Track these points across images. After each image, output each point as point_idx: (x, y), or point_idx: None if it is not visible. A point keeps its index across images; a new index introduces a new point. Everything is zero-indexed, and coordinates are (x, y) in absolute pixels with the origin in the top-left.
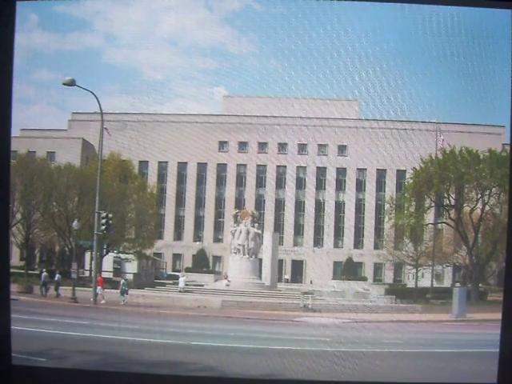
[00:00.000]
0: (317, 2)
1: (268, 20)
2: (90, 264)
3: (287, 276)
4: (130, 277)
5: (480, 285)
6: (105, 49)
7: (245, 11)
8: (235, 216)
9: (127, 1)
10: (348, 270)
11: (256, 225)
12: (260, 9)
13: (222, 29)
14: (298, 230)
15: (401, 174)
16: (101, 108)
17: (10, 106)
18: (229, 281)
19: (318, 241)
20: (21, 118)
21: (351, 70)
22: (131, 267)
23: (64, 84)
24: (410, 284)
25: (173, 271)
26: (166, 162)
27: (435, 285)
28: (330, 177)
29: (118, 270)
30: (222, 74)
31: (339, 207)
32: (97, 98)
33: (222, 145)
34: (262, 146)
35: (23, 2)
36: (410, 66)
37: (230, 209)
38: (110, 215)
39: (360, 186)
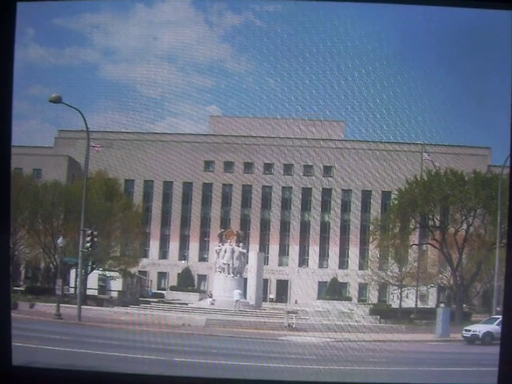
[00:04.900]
0: (309, 25)
1: (254, 40)
2: (75, 281)
3: (272, 295)
4: (114, 294)
5: (464, 305)
6: (101, 64)
7: (240, 29)
8: (220, 235)
9: (126, 16)
10: (333, 290)
11: (241, 244)
12: (251, 27)
13: (219, 46)
14: (283, 249)
15: (386, 195)
16: (87, 126)
17: (10, 116)
18: (213, 299)
19: (303, 261)
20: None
21: (337, 92)
22: (116, 285)
23: (50, 101)
24: (395, 304)
25: (158, 289)
26: (152, 181)
27: (420, 305)
28: (316, 197)
29: (103, 288)
30: (213, 92)
31: (324, 228)
32: (83, 116)
33: (208, 164)
34: (248, 166)
35: (21, 15)
36: (395, 88)
37: (215, 228)
38: (95, 233)
39: (345, 206)
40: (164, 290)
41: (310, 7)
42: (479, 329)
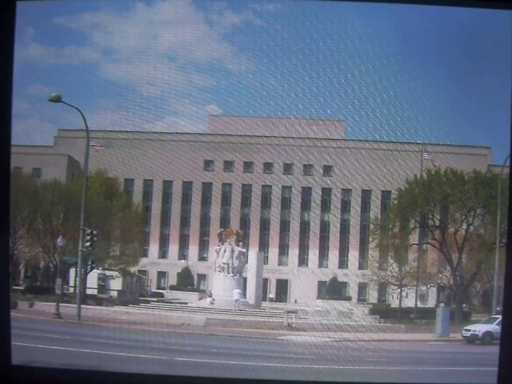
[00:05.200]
0: (309, 24)
1: (254, 39)
2: (75, 280)
3: (272, 295)
4: (114, 294)
5: (464, 305)
6: (100, 63)
7: (239, 28)
8: (220, 235)
9: (126, 15)
10: (332, 290)
11: (240, 244)
12: (251, 26)
13: (219, 45)
14: (283, 249)
15: (386, 194)
16: (86, 125)
17: (10, 115)
18: (213, 299)
19: (302, 260)
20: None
21: (338, 91)
22: (116, 284)
23: (50, 100)
24: (395, 304)
25: (157, 289)
26: (152, 181)
27: (419, 305)
28: (315, 197)
29: (103, 287)
30: (213, 91)
31: (324, 227)
32: (82, 115)
33: (208, 164)
34: (248, 165)
35: (21, 14)
36: (395, 87)
37: (215, 227)
38: (95, 232)
39: (345, 206)
40: (164, 289)
41: (310, 6)
42: (479, 328)
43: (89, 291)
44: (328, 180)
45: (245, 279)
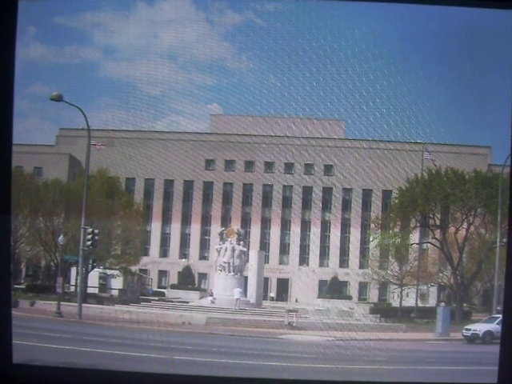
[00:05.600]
0: (310, 23)
1: (255, 38)
2: (76, 279)
3: (273, 294)
4: (115, 292)
5: (464, 304)
6: (102, 62)
7: (240, 27)
8: (221, 234)
9: (127, 14)
10: (333, 289)
11: (241, 243)
12: (251, 26)
13: (220, 44)
14: (284, 248)
15: (386, 193)
16: (88, 124)
17: (11, 114)
18: (214, 298)
19: (303, 259)
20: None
21: (338, 91)
22: (117, 283)
23: (51, 99)
24: (395, 303)
25: (158, 288)
26: (153, 179)
27: (420, 304)
28: (316, 196)
29: (104, 286)
30: (214, 90)
31: (325, 226)
32: (84, 114)
33: (209, 163)
34: (249, 164)
35: (22, 13)
36: (396, 86)
37: (216, 227)
38: (96, 231)
39: (346, 205)
40: (164, 288)
41: (310, 5)
42: (479, 328)
43: (90, 290)
44: (329, 179)
45: (246, 278)
